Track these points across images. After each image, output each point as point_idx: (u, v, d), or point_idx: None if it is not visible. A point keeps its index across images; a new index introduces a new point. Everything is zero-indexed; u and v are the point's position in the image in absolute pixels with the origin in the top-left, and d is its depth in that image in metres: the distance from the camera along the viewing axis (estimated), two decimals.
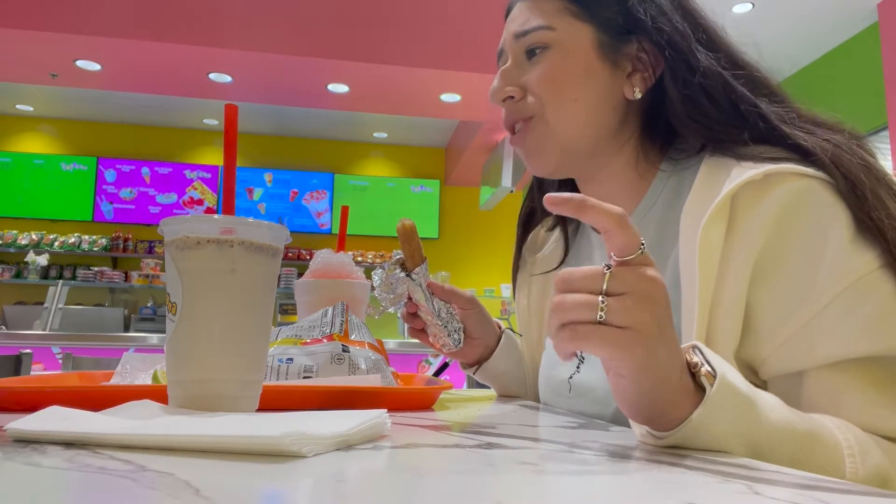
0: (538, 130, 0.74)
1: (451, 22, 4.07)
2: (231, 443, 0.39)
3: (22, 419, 0.43)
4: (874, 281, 0.55)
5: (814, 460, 0.49)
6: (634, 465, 0.41)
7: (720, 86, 0.66)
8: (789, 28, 4.03)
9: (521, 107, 0.75)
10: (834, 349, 0.55)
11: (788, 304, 0.57)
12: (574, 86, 0.72)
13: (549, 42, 0.73)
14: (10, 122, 6.45)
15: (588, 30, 0.72)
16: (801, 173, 0.58)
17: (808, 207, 0.58)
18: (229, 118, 0.59)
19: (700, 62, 0.67)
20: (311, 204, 6.70)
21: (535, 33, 0.73)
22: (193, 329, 0.52)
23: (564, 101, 0.72)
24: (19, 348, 1.97)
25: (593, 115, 0.72)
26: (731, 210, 0.60)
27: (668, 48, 0.68)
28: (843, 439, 0.51)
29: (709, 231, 0.59)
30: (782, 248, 0.58)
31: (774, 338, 0.58)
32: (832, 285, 0.55)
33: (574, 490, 0.35)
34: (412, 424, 0.58)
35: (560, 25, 0.73)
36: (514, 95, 0.75)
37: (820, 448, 0.50)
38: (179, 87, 4.68)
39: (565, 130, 0.73)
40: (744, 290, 0.58)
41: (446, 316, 0.84)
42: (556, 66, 0.72)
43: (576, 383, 0.77)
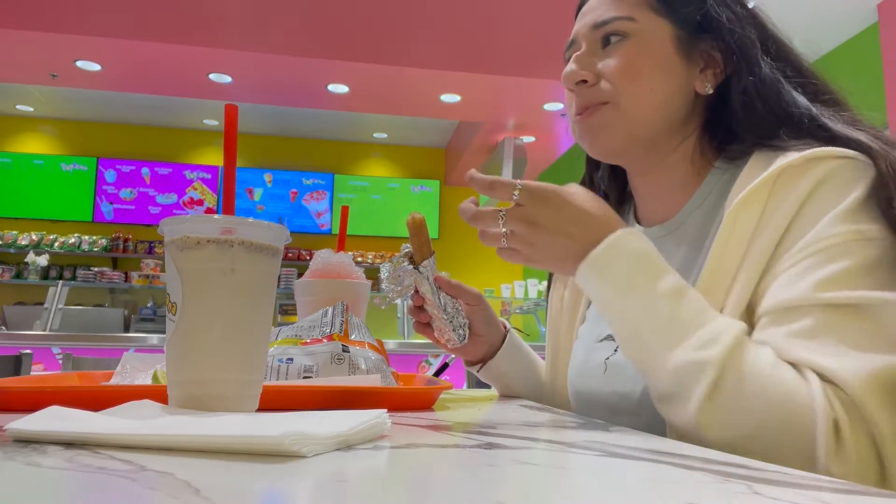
0: (608, 113, 0.75)
1: (451, 22, 4.07)
2: (231, 443, 0.39)
3: (22, 419, 0.43)
4: (847, 248, 0.58)
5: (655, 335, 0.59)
6: (634, 464, 0.41)
7: (775, 92, 0.70)
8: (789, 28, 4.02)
9: (595, 92, 0.76)
10: (781, 296, 0.59)
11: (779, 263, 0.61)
12: (651, 76, 0.74)
13: (628, 32, 0.74)
14: (10, 123, 6.46)
15: (666, 24, 0.75)
16: (839, 154, 0.62)
17: (834, 181, 0.61)
18: (229, 118, 0.59)
19: (762, 69, 0.71)
20: (311, 204, 6.71)
21: (615, 23, 0.75)
22: (193, 329, 0.52)
23: (641, 90, 0.74)
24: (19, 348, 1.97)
25: (665, 106, 0.74)
26: (769, 194, 0.63)
27: (738, 52, 0.72)
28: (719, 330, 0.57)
29: (740, 212, 0.64)
30: (800, 218, 0.61)
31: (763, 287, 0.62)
32: (810, 244, 0.59)
33: (574, 490, 0.35)
34: (412, 424, 0.58)
35: (640, 17, 0.75)
36: (588, 80, 0.76)
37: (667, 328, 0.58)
38: (179, 88, 4.68)
39: (636, 117, 0.74)
40: (763, 263, 0.62)
41: (452, 311, 0.85)
42: (634, 54, 0.74)
43: (611, 363, 0.78)
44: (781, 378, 0.54)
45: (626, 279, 0.60)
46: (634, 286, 0.60)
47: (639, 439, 0.52)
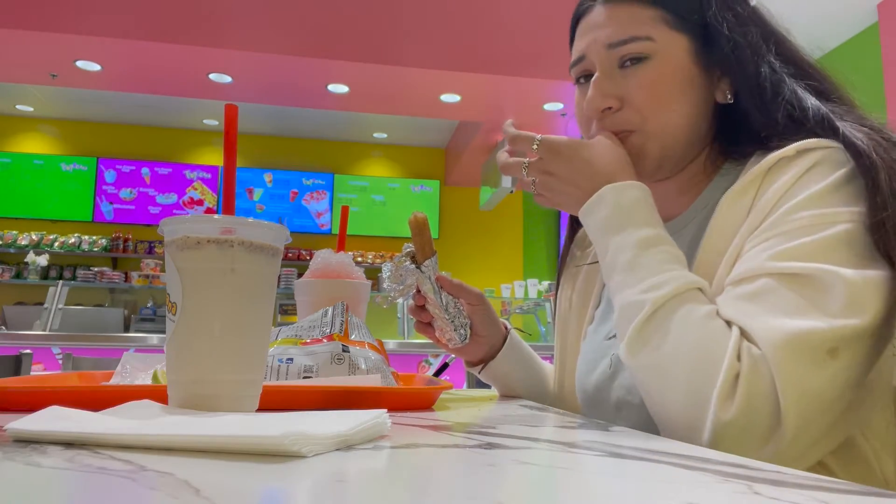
0: (638, 142, 0.74)
1: (451, 22, 4.07)
2: (231, 443, 0.39)
3: (22, 419, 0.43)
4: (822, 226, 0.58)
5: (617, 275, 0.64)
6: (634, 465, 0.41)
7: (791, 95, 0.70)
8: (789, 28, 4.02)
9: (620, 120, 0.74)
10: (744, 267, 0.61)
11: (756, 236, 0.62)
12: (676, 97, 0.73)
13: (648, 53, 0.72)
14: (10, 123, 6.46)
15: (683, 39, 0.73)
16: (828, 145, 0.63)
17: (818, 167, 0.62)
18: (229, 118, 0.59)
19: (775, 72, 0.70)
20: (311, 204, 6.71)
21: (633, 44, 0.72)
22: (193, 329, 0.52)
23: (668, 114, 0.73)
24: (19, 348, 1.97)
25: (691, 124, 0.74)
26: (762, 184, 0.65)
27: (747, 56, 0.71)
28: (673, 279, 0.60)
29: (732, 202, 0.65)
30: (782, 200, 0.62)
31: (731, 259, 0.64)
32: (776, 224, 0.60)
33: (574, 490, 0.35)
34: (412, 424, 0.58)
35: (658, 36, 0.72)
36: (613, 106, 0.74)
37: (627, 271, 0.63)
38: (179, 87, 4.68)
39: (666, 142, 0.74)
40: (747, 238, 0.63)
41: (454, 311, 0.85)
42: (658, 77, 0.72)
43: (618, 359, 0.78)
44: (707, 327, 0.57)
45: (605, 225, 0.67)
46: (611, 231, 0.66)
47: (639, 439, 0.52)
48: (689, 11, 0.73)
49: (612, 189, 0.67)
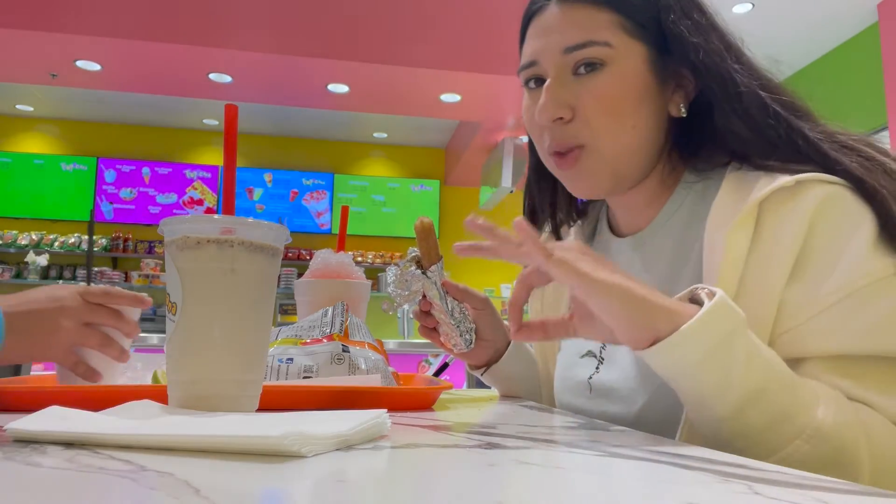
0: (590, 159, 0.70)
1: (451, 22, 4.06)
2: (231, 443, 0.39)
3: (22, 419, 0.43)
4: (886, 285, 0.58)
5: (783, 397, 0.53)
6: (634, 465, 0.41)
7: (756, 104, 0.66)
8: (789, 28, 4.03)
9: (570, 132, 0.70)
10: (835, 344, 0.58)
11: (805, 296, 0.59)
12: (631, 111, 0.69)
13: (605, 60, 0.68)
14: (10, 122, 6.45)
15: (641, 48, 0.69)
16: (830, 180, 0.61)
17: (837, 209, 0.60)
18: (229, 118, 0.59)
19: (738, 84, 0.67)
20: (311, 204, 6.70)
21: (589, 49, 0.68)
22: (193, 329, 0.52)
23: (621, 128, 0.69)
24: None
25: (647, 138, 0.71)
26: (759, 215, 0.62)
27: (708, 68, 0.67)
28: (824, 393, 0.55)
29: (734, 236, 0.62)
30: (813, 246, 0.60)
31: (786, 323, 0.60)
32: (847, 284, 0.58)
33: (574, 490, 0.35)
34: (412, 424, 0.58)
35: (616, 42, 0.69)
36: (564, 116, 0.70)
37: (793, 390, 0.54)
38: (179, 87, 4.67)
39: (620, 157, 0.70)
40: (777, 289, 0.60)
41: (459, 316, 0.84)
42: (613, 88, 0.68)
43: (596, 384, 0.77)
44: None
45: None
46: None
47: (639, 439, 0.52)
48: (647, 18, 0.69)
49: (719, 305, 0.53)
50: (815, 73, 4.46)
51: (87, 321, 0.72)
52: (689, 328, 0.51)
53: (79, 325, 0.71)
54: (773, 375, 0.53)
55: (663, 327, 0.52)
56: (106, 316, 0.73)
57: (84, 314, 0.71)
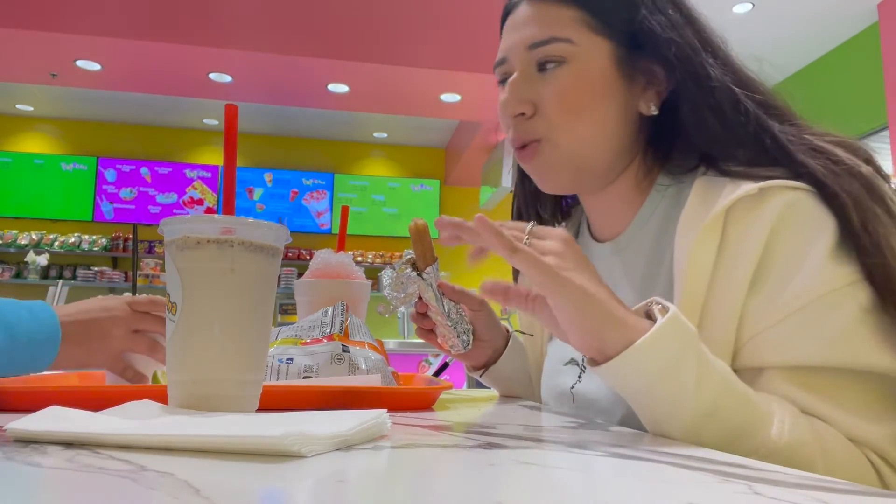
0: (547, 153, 0.71)
1: (451, 22, 4.06)
2: (231, 443, 0.39)
3: (22, 419, 0.43)
4: (843, 296, 0.57)
5: (738, 417, 0.53)
6: (634, 465, 0.41)
7: (729, 102, 0.65)
8: (790, 28, 4.03)
9: (529, 127, 0.71)
10: (793, 354, 0.57)
11: (763, 305, 0.59)
12: (591, 107, 0.69)
13: (566, 56, 0.69)
14: (10, 122, 6.45)
15: (606, 44, 0.69)
16: (794, 186, 0.60)
17: (797, 216, 0.59)
18: (229, 118, 0.59)
19: (710, 77, 0.66)
20: (311, 204, 6.70)
21: (552, 45, 0.69)
22: (193, 329, 0.52)
23: (579, 123, 0.69)
24: None
25: (610, 135, 0.70)
26: (725, 224, 0.61)
27: (680, 63, 0.66)
28: (778, 410, 0.54)
29: (700, 246, 0.61)
30: (772, 254, 0.59)
31: (746, 333, 0.60)
32: (804, 293, 0.57)
33: (574, 490, 0.35)
34: (412, 424, 0.58)
35: (579, 39, 0.69)
36: (526, 112, 0.71)
37: (748, 409, 0.53)
38: (179, 87, 4.67)
39: (579, 151, 0.70)
40: (740, 297, 0.59)
41: (456, 317, 0.84)
42: (573, 84, 0.68)
43: (578, 394, 0.77)
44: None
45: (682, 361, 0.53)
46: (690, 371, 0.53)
47: (639, 439, 0.52)
48: (614, 15, 0.69)
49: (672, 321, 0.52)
50: (815, 73, 4.46)
51: (135, 329, 0.76)
52: (638, 346, 0.50)
53: (128, 332, 0.75)
54: (726, 394, 0.53)
55: (613, 342, 0.52)
56: (152, 323, 0.77)
57: (133, 322, 0.76)
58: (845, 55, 4.26)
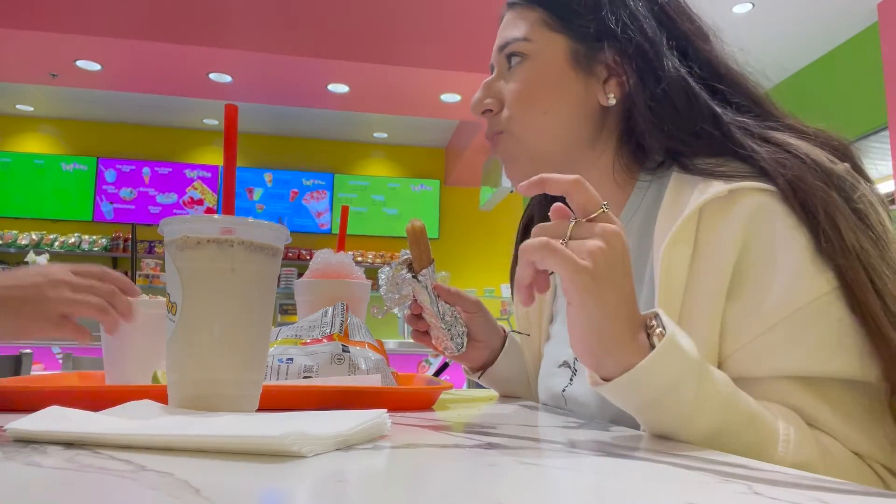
0: (506, 144, 0.76)
1: (451, 22, 4.07)
2: (231, 443, 0.39)
3: (22, 419, 0.43)
4: (827, 303, 0.56)
5: (744, 436, 0.52)
6: (634, 465, 0.41)
7: (682, 95, 0.66)
8: (789, 28, 4.03)
9: (496, 120, 0.76)
10: (783, 365, 0.57)
11: (747, 314, 0.58)
12: (544, 98, 0.73)
13: (525, 53, 0.74)
14: (10, 122, 6.45)
15: (562, 40, 0.73)
16: (762, 188, 0.59)
17: (771, 223, 0.58)
18: (229, 118, 0.59)
19: (665, 71, 0.66)
20: (311, 204, 6.70)
21: (513, 44, 0.75)
22: (193, 329, 0.52)
23: (533, 115, 0.73)
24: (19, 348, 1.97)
25: (566, 125, 0.73)
26: (698, 225, 0.60)
27: (636, 57, 0.69)
28: (783, 427, 0.53)
29: (673, 250, 0.60)
30: (748, 259, 0.59)
31: (732, 343, 0.59)
32: (787, 302, 0.56)
33: (574, 490, 0.35)
34: (412, 424, 0.58)
35: (536, 37, 0.74)
36: (492, 109, 0.76)
37: (753, 428, 0.52)
38: (179, 87, 4.67)
39: (534, 142, 0.74)
40: (719, 301, 0.59)
41: (450, 319, 0.84)
42: (528, 78, 0.74)
43: (570, 397, 0.77)
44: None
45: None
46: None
47: (639, 439, 0.52)
48: (574, 13, 0.72)
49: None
50: (815, 73, 4.46)
51: (75, 293, 0.71)
52: (631, 375, 0.50)
53: (68, 296, 0.71)
54: (730, 416, 0.52)
55: (610, 366, 0.51)
56: (98, 291, 0.72)
57: (75, 287, 0.71)
58: (845, 55, 4.26)
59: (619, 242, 0.51)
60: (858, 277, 0.56)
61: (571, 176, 0.52)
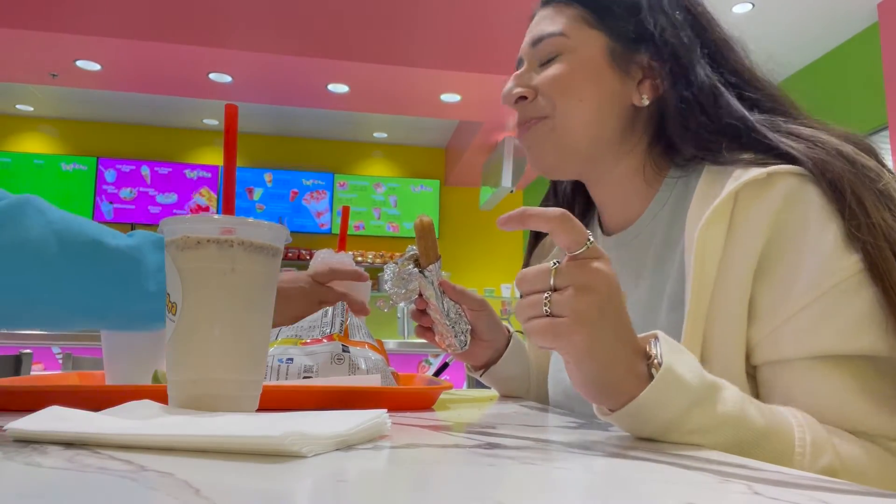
0: (542, 128, 0.76)
1: (451, 22, 4.06)
2: (231, 443, 0.39)
3: (22, 419, 0.43)
4: (857, 283, 0.57)
5: (757, 452, 0.51)
6: (634, 465, 0.41)
7: (713, 100, 0.69)
8: (789, 28, 4.03)
9: (533, 106, 0.76)
10: (814, 345, 0.58)
11: (778, 297, 0.60)
12: (581, 86, 0.74)
13: (561, 49, 0.75)
14: (10, 122, 6.45)
15: (600, 37, 0.74)
16: (799, 172, 0.61)
17: (805, 204, 0.60)
18: (229, 118, 0.59)
19: (697, 76, 0.70)
20: (311, 204, 6.70)
21: (548, 40, 0.76)
22: (194, 329, 0.52)
23: (568, 99, 0.74)
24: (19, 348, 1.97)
25: (596, 118, 0.74)
26: (733, 209, 0.62)
27: (671, 61, 0.71)
28: (798, 440, 0.53)
29: (708, 231, 0.62)
30: (780, 242, 0.60)
31: (764, 327, 0.60)
32: (818, 284, 0.58)
33: (574, 490, 0.35)
34: (412, 424, 0.58)
35: (573, 33, 0.75)
36: (527, 96, 0.77)
37: (767, 442, 0.52)
38: (179, 87, 4.67)
39: (568, 129, 0.75)
40: (748, 282, 0.61)
41: (455, 316, 0.84)
42: (565, 67, 0.74)
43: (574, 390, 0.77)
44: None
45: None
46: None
47: (639, 440, 0.52)
48: (613, 12, 0.74)
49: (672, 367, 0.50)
50: (815, 73, 4.46)
51: (319, 300, 0.83)
52: (629, 410, 0.50)
53: (310, 301, 0.82)
54: (741, 434, 0.51)
55: (612, 401, 0.52)
56: (334, 296, 0.84)
57: (315, 293, 0.82)
58: (845, 55, 4.25)
59: (605, 282, 0.49)
60: (884, 255, 0.57)
61: (555, 211, 0.50)
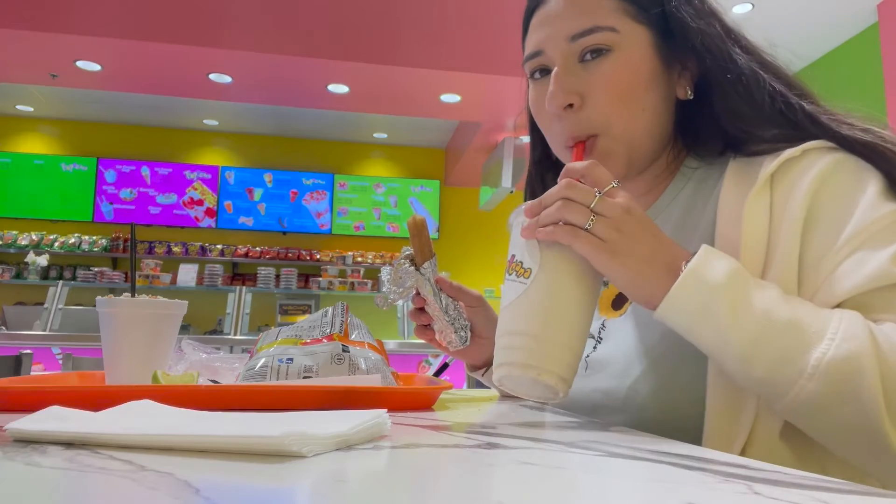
0: (604, 147, 0.70)
1: (451, 22, 4.07)
2: (231, 443, 0.39)
3: (22, 419, 0.43)
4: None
5: (780, 342, 0.54)
6: (634, 464, 0.41)
7: (757, 87, 0.68)
8: (789, 28, 4.03)
9: (583, 121, 0.70)
10: (862, 279, 0.58)
11: (828, 244, 0.61)
12: (640, 95, 0.70)
13: (612, 45, 0.69)
14: (10, 123, 6.45)
15: (646, 32, 0.70)
16: (836, 148, 0.64)
17: (843, 172, 0.63)
18: None
19: (739, 65, 0.68)
20: (311, 204, 6.70)
21: (597, 35, 0.68)
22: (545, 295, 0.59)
23: (632, 113, 0.70)
24: (19, 348, 1.97)
25: (657, 123, 0.72)
26: (771, 188, 0.64)
27: (709, 51, 0.69)
28: (835, 325, 0.54)
29: (753, 206, 0.63)
30: (822, 205, 0.62)
31: (814, 282, 0.61)
32: (861, 231, 0.59)
33: (574, 490, 0.35)
34: (412, 424, 0.58)
35: (622, 27, 0.69)
36: (574, 104, 0.70)
37: (793, 332, 0.54)
38: (179, 87, 4.68)
39: (633, 143, 0.71)
40: (795, 252, 0.62)
41: (454, 313, 0.84)
42: (621, 73, 0.69)
43: (592, 360, 0.78)
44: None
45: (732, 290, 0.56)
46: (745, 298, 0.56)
47: (639, 439, 0.52)
48: (650, 3, 0.70)
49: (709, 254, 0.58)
50: (815, 73, 4.46)
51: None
52: (664, 304, 0.57)
53: None
54: (768, 323, 0.54)
55: (655, 301, 0.58)
56: None
57: None
58: (845, 55, 4.25)
59: (637, 209, 0.59)
60: None
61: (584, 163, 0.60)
